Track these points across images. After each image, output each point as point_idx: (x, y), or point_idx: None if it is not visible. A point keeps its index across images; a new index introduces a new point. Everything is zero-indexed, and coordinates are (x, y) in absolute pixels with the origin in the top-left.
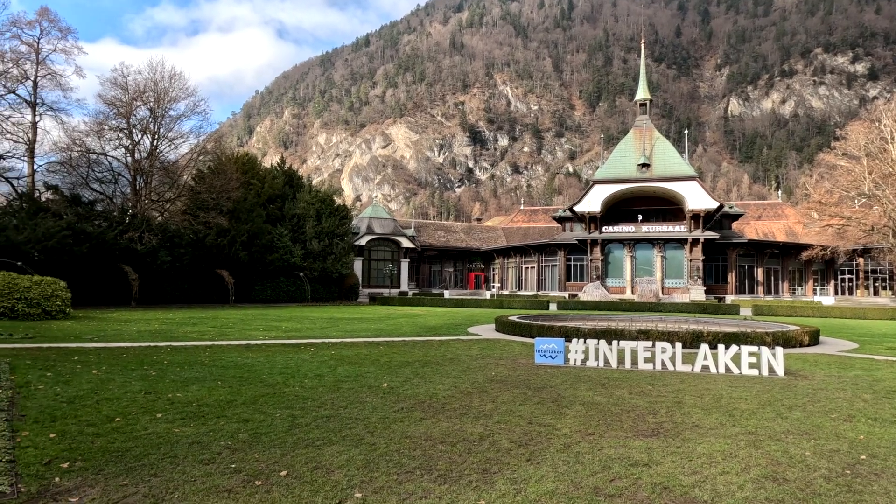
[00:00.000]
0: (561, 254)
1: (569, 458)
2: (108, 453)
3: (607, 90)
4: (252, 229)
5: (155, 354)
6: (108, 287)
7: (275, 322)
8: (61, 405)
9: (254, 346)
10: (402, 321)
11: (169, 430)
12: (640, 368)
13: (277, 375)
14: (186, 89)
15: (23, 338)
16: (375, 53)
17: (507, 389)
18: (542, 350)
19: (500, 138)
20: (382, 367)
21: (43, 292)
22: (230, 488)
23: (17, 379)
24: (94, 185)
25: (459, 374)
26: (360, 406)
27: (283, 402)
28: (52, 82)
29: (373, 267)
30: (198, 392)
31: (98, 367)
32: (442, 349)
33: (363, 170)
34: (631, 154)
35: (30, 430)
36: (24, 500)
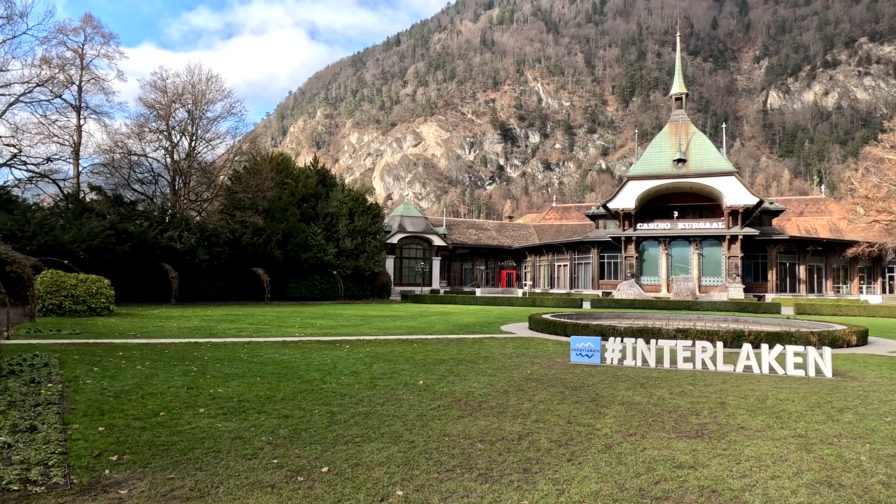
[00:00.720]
0: (594, 251)
1: (611, 459)
2: (154, 447)
3: (641, 85)
4: (287, 228)
5: (195, 351)
6: (149, 285)
7: (310, 319)
8: (108, 399)
9: (290, 343)
10: (434, 319)
11: (212, 424)
12: (680, 368)
13: (314, 372)
14: (223, 91)
15: (70, 333)
16: (406, 52)
17: (544, 388)
18: (578, 349)
19: (532, 135)
20: (417, 365)
21: (88, 290)
22: (273, 483)
23: (66, 373)
24: (136, 185)
25: (495, 373)
26: (396, 403)
27: (321, 399)
28: (96, 86)
29: (404, 265)
30: (238, 388)
31: (142, 363)
32: (476, 347)
33: (394, 168)
34: (666, 150)
35: (80, 423)
36: (77, 491)
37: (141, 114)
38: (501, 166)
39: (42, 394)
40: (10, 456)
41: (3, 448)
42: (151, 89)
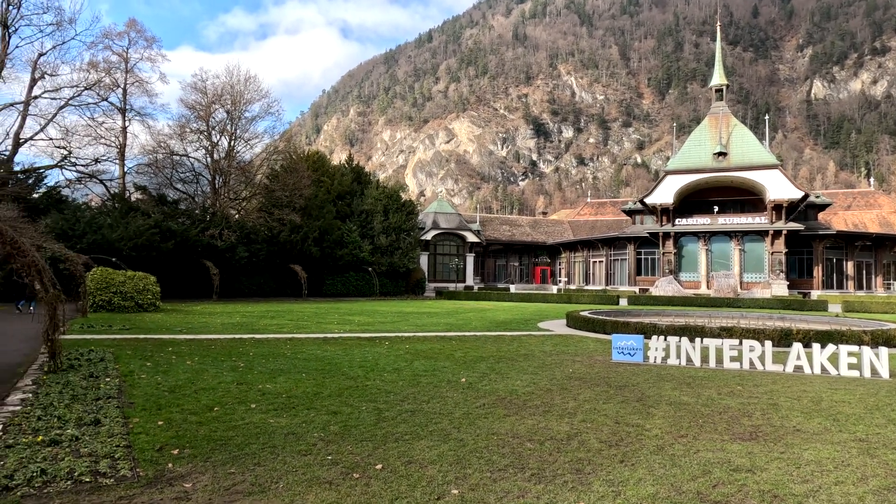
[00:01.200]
0: (631, 247)
1: (664, 461)
2: (212, 441)
3: (678, 77)
4: (323, 225)
5: (240, 346)
6: (191, 281)
7: (347, 316)
8: (164, 394)
9: (331, 340)
10: (470, 316)
11: (264, 420)
12: (726, 367)
13: (357, 369)
14: (260, 91)
15: (120, 329)
16: (438, 49)
17: (588, 387)
18: (620, 347)
19: (565, 130)
20: (458, 362)
21: (136, 286)
22: (330, 480)
23: (122, 368)
24: (178, 184)
25: (536, 371)
26: (441, 401)
27: (366, 396)
28: (140, 89)
29: (438, 261)
30: (285, 384)
31: (191, 358)
32: (515, 345)
33: (426, 165)
34: (706, 142)
35: (139, 417)
36: (144, 484)
37: (182, 115)
38: (534, 162)
39: (101, 388)
40: (79, 448)
41: (71, 440)
42: (192, 91)
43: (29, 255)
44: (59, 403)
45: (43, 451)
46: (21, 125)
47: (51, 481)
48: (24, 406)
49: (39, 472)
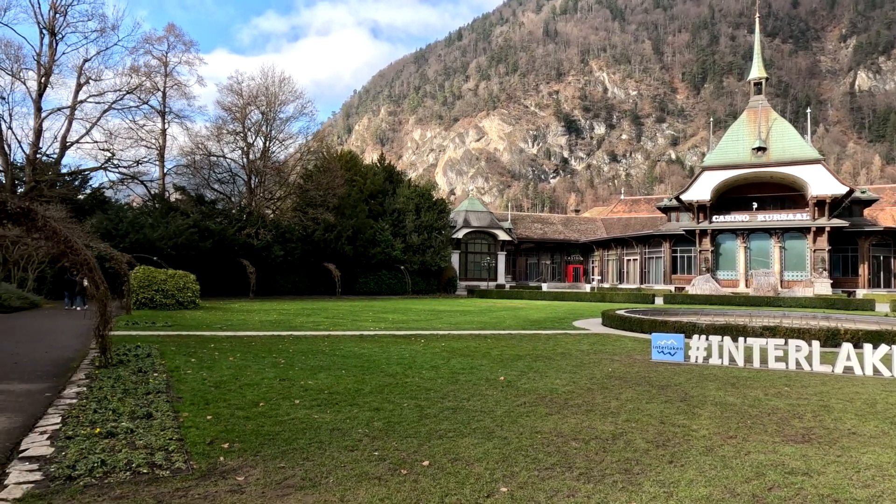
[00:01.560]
0: (666, 245)
1: (715, 463)
2: (260, 436)
3: (713, 71)
4: (356, 224)
5: (279, 343)
6: (228, 279)
7: (381, 314)
8: (210, 389)
9: (367, 337)
10: (503, 314)
11: (308, 415)
12: (771, 368)
13: (395, 366)
14: (294, 92)
15: (163, 326)
16: (468, 47)
17: (629, 386)
18: (659, 346)
19: (597, 126)
20: (495, 361)
21: (176, 284)
22: (379, 476)
23: (168, 363)
24: (215, 185)
25: (574, 370)
26: (482, 399)
27: (407, 393)
28: (178, 92)
29: (469, 260)
30: (326, 380)
31: (233, 354)
32: (551, 343)
33: (457, 164)
34: (744, 137)
35: (189, 412)
36: (198, 476)
37: (219, 116)
38: (566, 159)
39: (150, 383)
40: (134, 441)
41: (126, 433)
42: (228, 92)
43: (81, 253)
44: (113, 397)
45: (101, 443)
46: (68, 129)
47: (110, 472)
48: (79, 399)
49: (100, 463)
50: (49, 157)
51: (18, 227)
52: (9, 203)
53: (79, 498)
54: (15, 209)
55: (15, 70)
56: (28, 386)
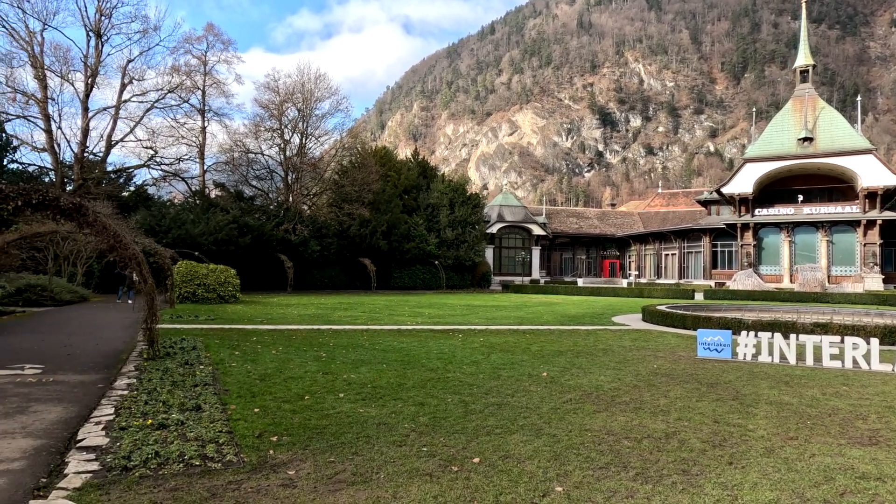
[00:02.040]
0: (706, 239)
1: (778, 465)
2: (307, 429)
3: (754, 59)
4: (391, 219)
5: (320, 337)
6: (266, 274)
7: (417, 308)
8: (255, 382)
9: (405, 331)
10: (540, 309)
11: (354, 409)
12: (826, 366)
13: (436, 361)
14: (330, 89)
15: (206, 319)
16: (501, 40)
17: (677, 384)
18: (706, 342)
19: (633, 119)
20: (535, 356)
21: (217, 279)
22: (429, 472)
23: (212, 356)
24: (253, 181)
25: (618, 366)
26: (526, 395)
27: (449, 388)
28: (217, 90)
29: (503, 255)
30: (368, 374)
31: (275, 348)
32: (591, 339)
33: (489, 158)
34: (790, 127)
35: (236, 404)
36: (249, 469)
37: (256, 114)
38: (600, 152)
39: (197, 375)
40: (185, 433)
41: (177, 425)
42: (265, 90)
43: (130, 248)
44: (162, 389)
45: (153, 435)
46: (112, 128)
47: (164, 463)
48: (130, 391)
49: (154, 455)
50: (95, 155)
51: (71, 223)
52: (62, 199)
53: (135, 489)
54: (67, 205)
55: (64, 72)
56: (82, 377)
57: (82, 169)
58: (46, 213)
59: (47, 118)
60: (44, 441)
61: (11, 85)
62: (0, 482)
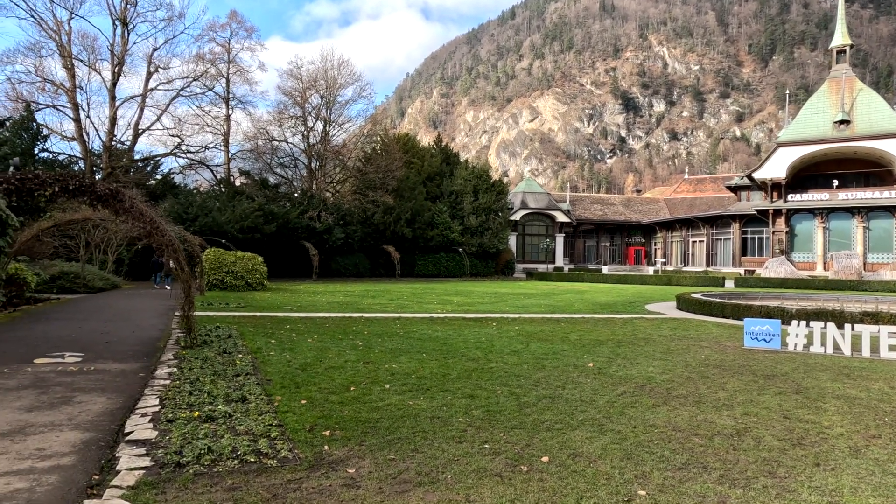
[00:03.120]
0: (735, 226)
1: (871, 467)
2: (359, 423)
3: (783, 41)
4: (414, 207)
5: (352, 325)
6: (291, 261)
7: (444, 296)
8: (296, 372)
9: (437, 320)
10: (569, 297)
11: (403, 402)
12: (884, 357)
13: (475, 350)
14: (353, 75)
15: (237, 307)
16: (521, 25)
17: (731, 376)
18: (753, 332)
19: (656, 103)
20: (576, 346)
21: (245, 266)
22: (499, 472)
23: (249, 344)
24: (277, 169)
25: (664, 357)
26: (576, 387)
27: (496, 379)
28: (241, 78)
29: (526, 242)
30: (409, 364)
31: (310, 336)
32: (629, 328)
33: (510, 145)
34: (825, 110)
35: (281, 395)
36: (307, 467)
37: (280, 101)
38: (623, 138)
39: (237, 364)
40: (235, 426)
41: (225, 417)
42: (288, 77)
43: (166, 234)
44: (204, 379)
45: (202, 428)
46: (139, 116)
47: (218, 460)
48: (172, 380)
49: (206, 450)
50: (123, 144)
51: (107, 209)
52: (98, 185)
53: (191, 488)
54: (104, 191)
55: (91, 61)
56: (122, 366)
57: (110, 157)
58: (83, 199)
59: (76, 107)
60: (92, 434)
61: (41, 75)
62: (52, 479)
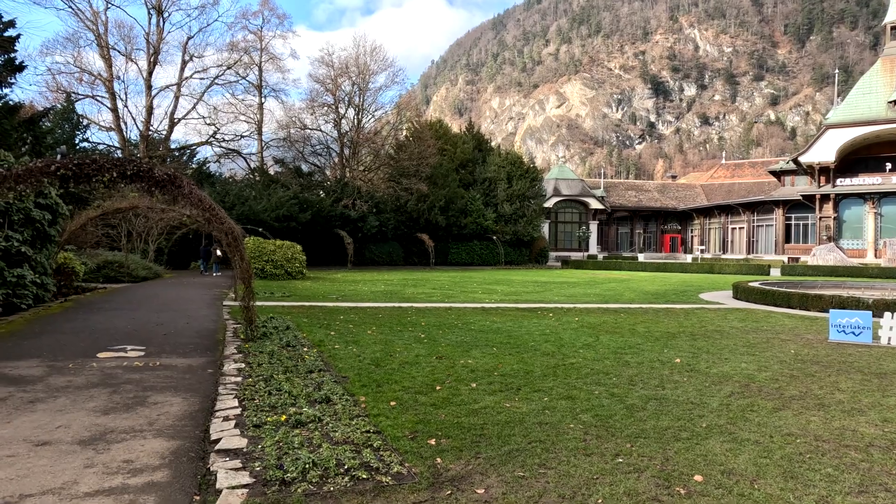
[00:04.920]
0: (778, 212)
1: None
2: (462, 430)
3: (821, 20)
4: (448, 194)
5: (405, 315)
6: (325, 250)
7: (485, 285)
8: (370, 367)
9: (490, 310)
10: (614, 286)
11: (498, 404)
12: None
13: (544, 343)
14: (385, 61)
15: (282, 296)
16: (548, 10)
17: (837, 374)
18: (840, 325)
19: (687, 87)
20: (648, 339)
21: (285, 255)
22: (655, 496)
23: (310, 337)
24: (309, 157)
25: (749, 351)
26: (675, 386)
27: (584, 377)
28: (274, 66)
29: (559, 229)
30: (484, 359)
31: (368, 327)
32: (693, 319)
33: (536, 132)
34: (878, 90)
35: (365, 396)
36: (427, 486)
37: (312, 89)
38: (652, 123)
39: (306, 360)
40: (329, 432)
41: (315, 422)
42: (320, 65)
43: (226, 221)
44: (278, 376)
45: (294, 434)
46: (175, 106)
47: (326, 476)
48: (243, 377)
49: (311, 464)
50: (159, 133)
51: (164, 195)
52: (156, 170)
53: None
54: (162, 176)
55: (127, 51)
56: (188, 360)
57: (147, 147)
58: (141, 184)
59: (113, 97)
60: (178, 442)
61: (79, 65)
62: (150, 500)
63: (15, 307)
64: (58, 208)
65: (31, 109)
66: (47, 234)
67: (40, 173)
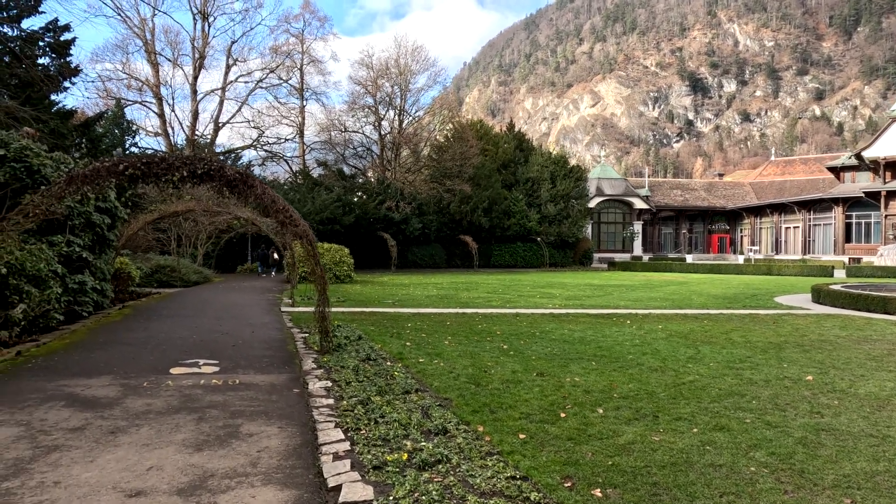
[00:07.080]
0: (838, 210)
1: None
2: (625, 475)
3: (869, 10)
4: (491, 195)
5: (475, 323)
6: (368, 253)
7: (540, 289)
8: (469, 387)
9: (560, 317)
10: (676, 289)
11: (644, 437)
12: None
13: (642, 356)
14: (427, 61)
15: (337, 301)
16: (581, 8)
17: None
18: None
19: (726, 83)
20: (754, 350)
21: (333, 259)
22: None
23: (386, 348)
24: (351, 160)
25: (881, 366)
26: (835, 413)
27: (717, 399)
28: (315, 68)
29: (602, 230)
30: (590, 377)
31: (442, 337)
32: (786, 327)
33: (571, 131)
34: None
35: (482, 425)
36: None
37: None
38: (690, 121)
39: (397, 377)
40: (466, 478)
41: (443, 462)
42: (360, 67)
43: (301, 224)
44: (375, 398)
45: (426, 480)
46: (219, 110)
47: None
48: (335, 399)
49: None
50: (205, 137)
51: (235, 195)
52: (227, 169)
53: None
54: (233, 175)
55: (174, 56)
56: (268, 378)
57: (194, 151)
58: (212, 183)
59: (160, 102)
60: (293, 492)
61: (128, 72)
62: None
63: (76, 315)
64: (117, 212)
65: (82, 115)
66: (106, 238)
67: (108, 173)
